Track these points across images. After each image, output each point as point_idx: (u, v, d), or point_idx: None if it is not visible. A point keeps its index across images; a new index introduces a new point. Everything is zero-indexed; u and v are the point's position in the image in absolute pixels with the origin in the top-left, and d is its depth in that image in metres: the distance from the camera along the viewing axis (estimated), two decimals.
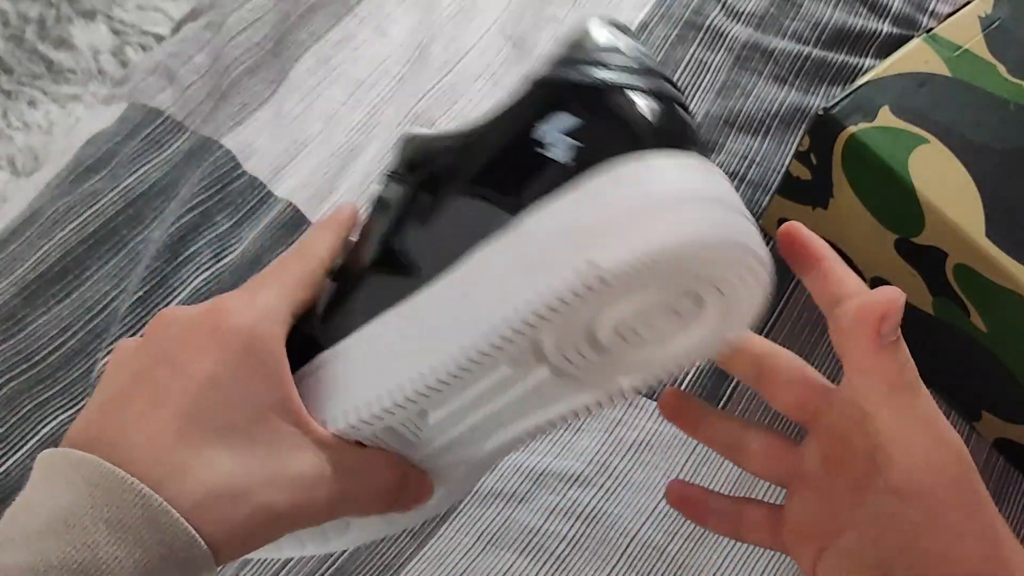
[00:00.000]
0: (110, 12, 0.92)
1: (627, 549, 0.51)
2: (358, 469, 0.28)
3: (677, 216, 0.25)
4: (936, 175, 0.50)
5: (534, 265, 0.26)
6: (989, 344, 0.52)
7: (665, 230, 0.25)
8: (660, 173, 0.26)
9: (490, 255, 0.27)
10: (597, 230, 0.26)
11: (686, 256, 0.25)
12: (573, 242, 0.26)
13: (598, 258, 0.25)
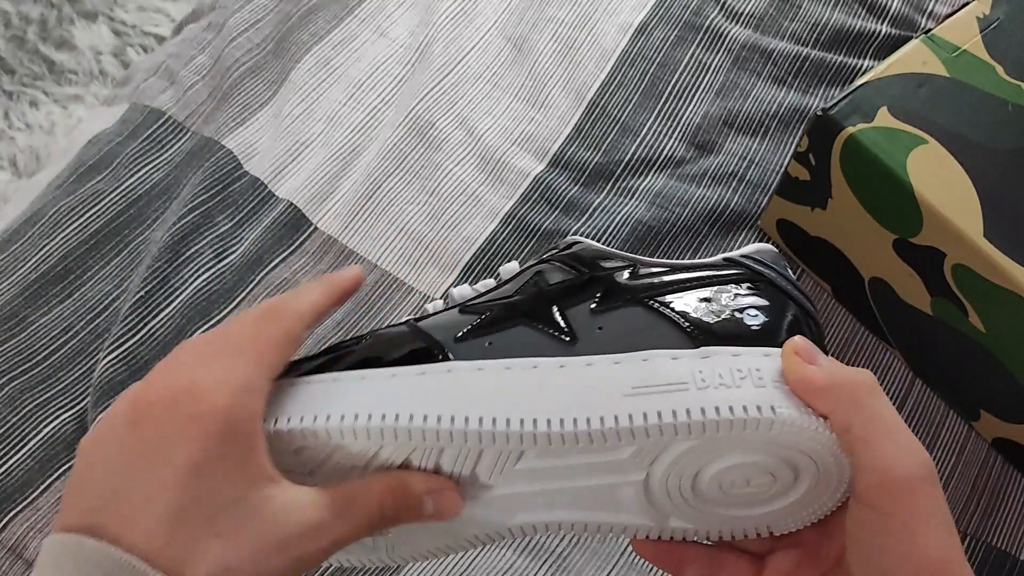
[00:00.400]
0: (111, 13, 0.92)
1: (627, 548, 0.51)
2: (342, 507, 0.29)
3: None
4: (934, 175, 0.51)
5: (712, 392, 0.30)
6: (987, 344, 0.52)
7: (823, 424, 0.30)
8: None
9: (665, 359, 0.31)
10: (780, 388, 0.30)
11: (821, 435, 0.30)
12: (764, 386, 0.30)
13: (778, 405, 0.30)
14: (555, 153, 0.64)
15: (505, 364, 0.32)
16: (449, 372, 0.32)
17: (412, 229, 0.60)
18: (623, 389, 0.30)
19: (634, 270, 0.35)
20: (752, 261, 0.36)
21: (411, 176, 0.62)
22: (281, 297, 0.33)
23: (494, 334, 0.33)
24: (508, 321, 0.34)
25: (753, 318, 0.33)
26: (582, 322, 0.33)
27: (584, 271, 0.35)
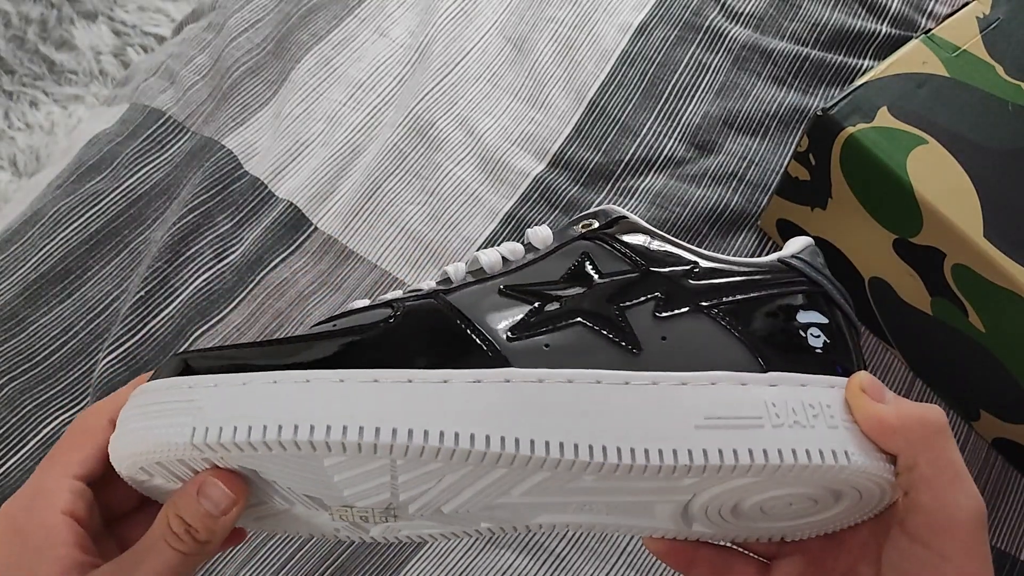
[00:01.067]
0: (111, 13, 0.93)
1: (627, 548, 0.51)
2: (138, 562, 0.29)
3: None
4: (934, 175, 0.50)
5: (786, 432, 0.29)
6: (987, 344, 0.52)
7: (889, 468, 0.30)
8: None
9: (735, 386, 0.30)
10: (851, 430, 0.30)
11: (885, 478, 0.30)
12: (836, 426, 0.30)
13: (852, 451, 0.29)
14: (555, 153, 0.64)
15: (568, 375, 0.29)
16: (508, 383, 0.29)
17: (412, 229, 0.60)
18: (695, 419, 0.29)
19: (694, 268, 0.33)
20: (805, 265, 0.34)
21: (411, 176, 0.62)
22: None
23: (550, 333, 0.31)
24: (564, 317, 0.31)
25: (816, 339, 0.32)
26: (645, 329, 0.31)
27: (640, 263, 0.33)
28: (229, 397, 0.28)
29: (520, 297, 0.32)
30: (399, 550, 0.50)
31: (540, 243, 0.34)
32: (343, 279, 0.58)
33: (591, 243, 0.33)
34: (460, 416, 0.28)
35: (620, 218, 0.34)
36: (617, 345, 0.31)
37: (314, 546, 0.50)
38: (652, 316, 0.31)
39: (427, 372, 0.29)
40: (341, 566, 0.49)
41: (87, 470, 0.30)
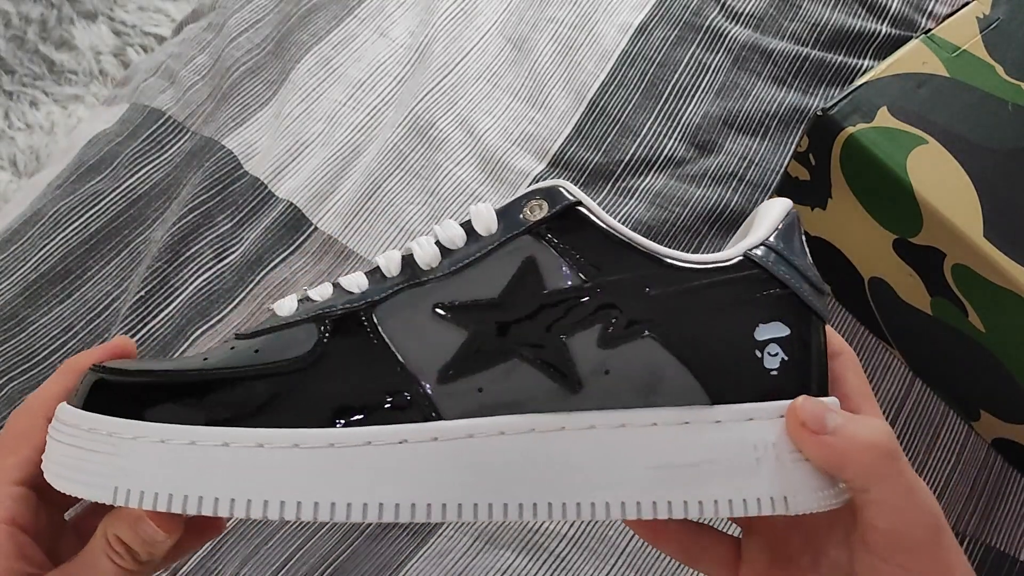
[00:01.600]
0: (111, 13, 0.92)
1: (627, 548, 0.51)
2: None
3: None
4: (934, 175, 0.50)
5: (731, 476, 0.29)
6: (987, 344, 0.52)
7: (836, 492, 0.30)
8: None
9: (674, 428, 0.29)
10: (796, 467, 0.29)
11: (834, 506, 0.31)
12: (782, 466, 0.29)
13: (791, 497, 0.29)
14: (555, 153, 0.64)
15: (500, 426, 0.28)
16: (435, 441, 0.28)
17: (412, 229, 0.60)
18: (635, 467, 0.29)
19: (647, 277, 0.30)
20: (773, 258, 0.31)
21: (411, 176, 0.62)
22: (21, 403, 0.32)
23: (484, 371, 0.29)
24: (500, 353, 0.29)
25: (773, 358, 0.30)
26: (588, 362, 0.29)
27: (590, 273, 0.30)
28: (148, 459, 0.27)
29: (455, 321, 0.29)
30: (398, 550, 0.50)
31: (483, 228, 0.31)
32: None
33: (537, 243, 0.30)
34: (387, 486, 0.27)
35: (571, 207, 0.30)
36: (556, 381, 0.29)
37: (314, 546, 0.50)
38: (596, 345, 0.29)
39: (348, 432, 0.28)
40: (341, 566, 0.49)
41: (26, 473, 0.30)
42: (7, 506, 0.29)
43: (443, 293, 0.30)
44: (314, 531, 0.50)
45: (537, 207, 0.30)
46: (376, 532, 0.50)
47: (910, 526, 0.29)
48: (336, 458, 0.28)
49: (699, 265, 0.30)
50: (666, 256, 0.30)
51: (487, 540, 0.50)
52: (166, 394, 0.29)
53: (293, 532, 0.50)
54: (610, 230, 0.30)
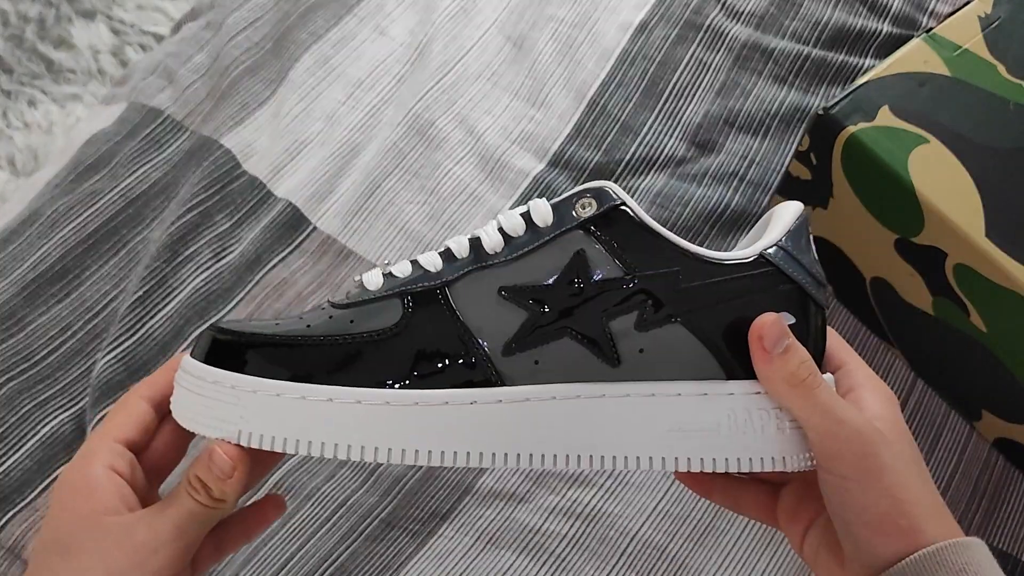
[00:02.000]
0: (110, 12, 0.92)
1: (627, 549, 0.51)
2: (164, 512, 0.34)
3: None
4: (936, 175, 0.50)
5: (738, 439, 0.35)
6: (989, 344, 0.52)
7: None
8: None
9: (696, 399, 0.35)
10: (793, 432, 0.35)
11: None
12: (783, 429, 0.35)
13: (789, 457, 0.35)
14: (555, 152, 0.64)
15: (552, 392, 0.34)
16: (500, 403, 0.34)
17: (411, 228, 0.60)
18: (659, 429, 0.35)
19: (680, 272, 0.35)
20: (784, 257, 0.36)
21: (410, 175, 0.62)
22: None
23: (540, 347, 0.34)
24: (554, 331, 0.34)
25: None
26: (626, 342, 0.35)
27: (631, 266, 0.35)
28: (267, 409, 0.33)
29: (517, 302, 0.35)
30: (398, 551, 0.50)
31: (540, 220, 0.35)
32: (342, 279, 0.58)
33: (586, 238, 0.35)
34: (461, 437, 0.34)
35: (616, 207, 0.35)
36: (599, 357, 0.35)
37: (314, 546, 0.50)
38: (634, 328, 0.35)
39: (430, 393, 0.34)
40: (341, 566, 0.49)
41: (126, 435, 0.35)
42: (108, 456, 0.35)
43: (506, 276, 0.35)
44: (313, 532, 0.50)
45: (588, 204, 0.35)
46: (376, 533, 0.50)
47: (836, 428, 0.34)
48: (420, 413, 0.34)
49: (723, 261, 0.35)
50: (695, 252, 0.35)
51: (488, 541, 0.50)
52: (279, 354, 0.34)
53: (293, 533, 0.50)
54: (649, 228, 0.35)
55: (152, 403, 0.37)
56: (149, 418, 0.36)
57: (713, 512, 0.52)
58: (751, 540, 0.51)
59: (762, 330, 0.34)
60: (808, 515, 0.38)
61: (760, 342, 0.34)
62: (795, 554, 0.50)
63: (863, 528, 0.34)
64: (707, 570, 0.50)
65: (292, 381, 0.33)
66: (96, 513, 0.33)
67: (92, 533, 0.33)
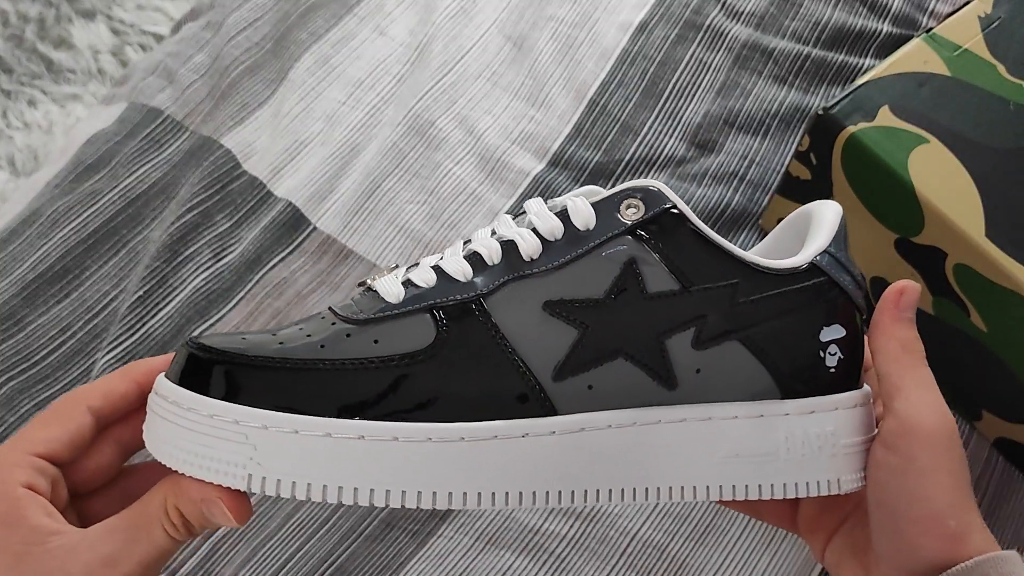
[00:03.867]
0: (110, 12, 0.92)
1: (627, 549, 0.51)
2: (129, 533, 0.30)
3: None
4: (936, 175, 0.50)
5: (795, 464, 0.34)
6: (989, 344, 0.52)
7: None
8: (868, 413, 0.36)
9: (751, 421, 0.33)
10: (847, 453, 0.34)
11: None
12: (835, 455, 0.34)
13: (843, 479, 0.34)
14: (555, 152, 0.64)
15: (607, 420, 0.32)
16: (553, 435, 0.31)
17: (411, 228, 0.60)
18: (716, 456, 0.33)
19: (737, 285, 0.33)
20: (832, 264, 0.35)
21: (410, 175, 0.62)
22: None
23: (594, 369, 0.31)
24: (607, 352, 0.31)
25: (832, 357, 0.35)
26: (682, 362, 0.32)
27: (686, 278, 0.32)
28: (284, 448, 0.28)
29: (564, 318, 0.31)
30: (398, 551, 0.50)
31: (581, 223, 0.32)
32: (342, 279, 0.58)
33: (637, 245, 0.32)
34: (513, 475, 0.30)
35: (668, 211, 0.32)
36: (655, 380, 0.32)
37: (313, 547, 0.50)
38: (690, 347, 0.32)
39: (477, 427, 0.30)
40: (341, 566, 0.49)
41: (50, 449, 0.31)
42: (27, 473, 0.30)
43: (549, 289, 0.31)
44: (313, 532, 0.50)
45: (634, 206, 0.32)
46: (376, 533, 0.50)
47: (919, 409, 0.33)
48: (467, 451, 0.30)
49: (778, 271, 0.34)
50: (751, 262, 0.33)
51: (488, 540, 0.50)
52: (286, 381, 0.29)
53: (293, 533, 0.50)
54: (703, 234, 0.33)
55: (97, 415, 0.32)
56: (86, 432, 0.32)
57: (713, 511, 0.52)
58: (752, 539, 0.51)
59: (904, 289, 0.34)
60: (831, 524, 0.37)
61: (898, 297, 0.34)
62: (795, 554, 0.50)
63: (911, 524, 0.32)
64: (707, 569, 0.50)
65: (309, 415, 0.29)
66: (29, 546, 0.29)
67: (34, 568, 0.29)
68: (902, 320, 0.34)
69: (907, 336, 0.34)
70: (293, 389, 0.29)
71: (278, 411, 0.28)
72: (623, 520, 0.51)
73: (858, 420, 0.35)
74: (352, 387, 0.29)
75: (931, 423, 0.33)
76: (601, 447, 0.31)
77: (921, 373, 0.34)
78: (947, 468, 0.32)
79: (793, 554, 0.51)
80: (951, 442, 0.33)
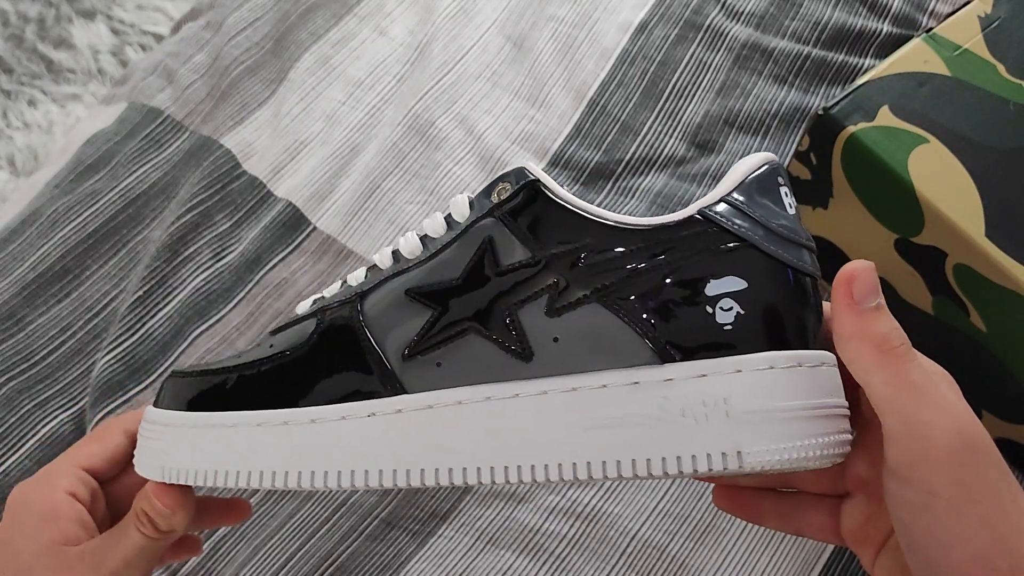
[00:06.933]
0: (110, 12, 0.92)
1: (627, 549, 0.51)
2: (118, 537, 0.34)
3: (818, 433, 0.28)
4: (936, 175, 0.50)
5: (675, 431, 0.28)
6: (989, 344, 0.52)
7: (806, 446, 0.28)
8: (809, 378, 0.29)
9: (623, 389, 0.29)
10: (750, 420, 0.28)
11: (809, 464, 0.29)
12: (731, 418, 0.28)
13: (746, 450, 0.27)
14: (555, 152, 0.64)
15: (457, 397, 0.30)
16: (399, 413, 0.31)
17: (411, 228, 0.60)
18: (578, 428, 0.29)
19: (593, 242, 0.30)
20: (734, 210, 0.30)
21: (410, 175, 0.62)
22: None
23: (443, 347, 0.31)
24: (459, 328, 0.31)
25: (726, 312, 0.29)
26: (537, 331, 0.30)
27: (539, 246, 0.30)
28: (183, 443, 0.33)
29: (421, 302, 0.32)
30: (398, 551, 0.50)
31: (459, 215, 0.32)
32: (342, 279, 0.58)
33: (495, 224, 0.31)
34: (358, 455, 0.31)
35: (531, 185, 0.31)
36: (509, 352, 0.30)
37: (314, 546, 0.50)
38: (544, 315, 0.30)
39: (328, 409, 0.32)
40: (341, 566, 0.49)
41: (92, 464, 0.36)
42: (71, 482, 0.35)
43: (416, 279, 0.32)
44: (314, 531, 0.50)
45: (504, 189, 0.32)
46: (376, 532, 0.50)
47: (924, 427, 0.25)
48: (318, 432, 0.32)
49: (646, 227, 0.30)
50: (612, 221, 0.30)
51: (488, 540, 0.50)
52: (206, 384, 0.34)
53: (293, 533, 0.50)
54: (561, 202, 0.31)
55: (131, 437, 0.37)
56: (123, 451, 0.37)
57: (713, 511, 0.52)
58: (751, 539, 0.51)
59: (853, 273, 0.27)
60: (880, 533, 0.31)
61: (849, 287, 0.27)
62: (795, 554, 0.50)
63: (951, 569, 0.25)
64: (707, 570, 0.50)
65: (209, 411, 0.33)
66: (55, 543, 0.34)
67: (51, 562, 0.33)
68: (866, 313, 0.27)
69: (879, 331, 0.27)
70: (209, 392, 0.33)
71: (191, 412, 0.33)
72: (623, 520, 0.51)
73: (777, 383, 0.28)
74: (249, 383, 0.33)
75: (943, 441, 0.25)
76: (452, 424, 0.30)
77: (911, 376, 0.26)
78: (980, 493, 0.25)
79: (793, 554, 0.51)
80: (977, 456, 0.25)
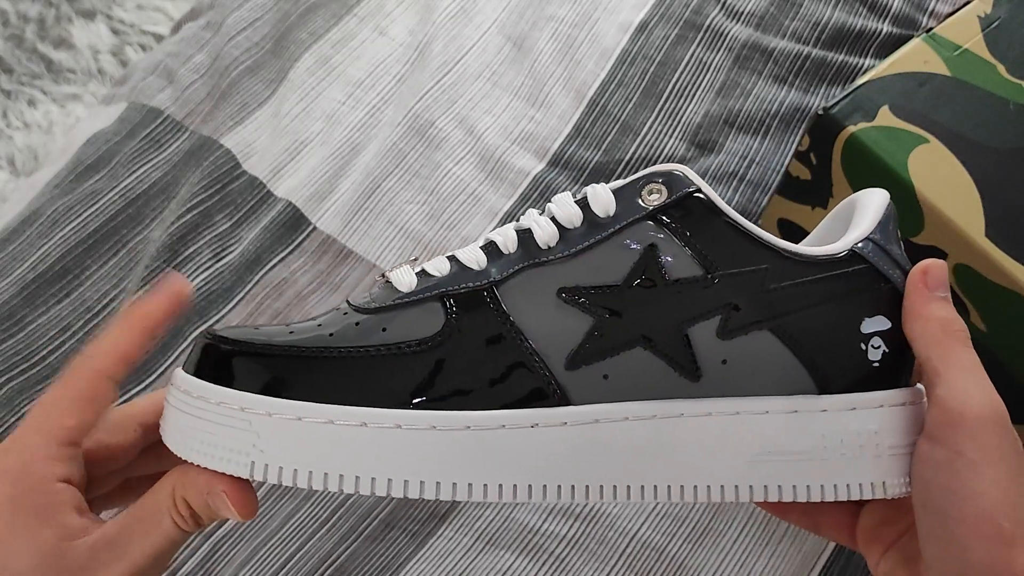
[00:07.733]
0: (110, 12, 0.92)
1: (626, 549, 0.51)
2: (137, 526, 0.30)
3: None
4: (936, 175, 0.50)
5: (836, 463, 0.31)
6: (989, 344, 0.51)
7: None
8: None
9: (784, 416, 0.31)
10: (895, 454, 0.31)
11: None
12: (879, 455, 0.31)
13: (889, 482, 0.31)
14: (555, 152, 0.64)
15: (624, 413, 0.30)
16: (564, 426, 0.29)
17: (411, 228, 0.60)
18: (745, 454, 0.30)
19: (767, 270, 0.31)
20: (876, 252, 0.32)
21: (410, 175, 0.62)
22: (81, 352, 0.32)
23: (609, 358, 0.30)
24: (624, 340, 0.30)
25: (876, 350, 0.32)
26: (707, 352, 0.30)
27: (711, 264, 0.30)
28: (286, 435, 0.28)
29: (580, 305, 0.30)
30: (397, 551, 0.50)
31: (600, 209, 0.31)
32: (342, 279, 0.58)
33: (658, 230, 0.30)
34: (521, 467, 0.29)
35: (691, 195, 0.30)
36: (677, 370, 0.30)
37: (313, 547, 0.50)
38: (716, 336, 0.30)
39: (484, 415, 0.29)
40: (341, 566, 0.49)
41: (71, 438, 0.30)
42: (68, 467, 0.30)
43: (566, 276, 0.30)
44: (313, 532, 0.50)
45: (656, 191, 0.31)
46: (376, 533, 0.50)
47: (964, 397, 0.29)
48: (473, 440, 0.29)
49: (812, 258, 0.31)
50: (782, 248, 0.31)
51: (487, 541, 0.50)
52: (294, 369, 0.29)
53: (293, 533, 0.50)
54: (730, 219, 0.31)
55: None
56: (106, 403, 0.31)
57: (712, 512, 0.52)
58: (750, 540, 0.51)
59: (928, 267, 0.31)
60: (890, 536, 0.34)
61: (924, 278, 0.31)
62: (792, 554, 0.50)
63: (959, 524, 0.29)
64: (706, 570, 0.50)
65: (314, 402, 0.28)
66: (62, 540, 0.29)
67: (58, 564, 0.29)
68: (935, 300, 0.31)
69: (945, 316, 0.31)
70: (300, 376, 0.29)
71: (285, 399, 0.28)
72: (622, 521, 0.51)
73: (906, 420, 0.32)
74: (357, 374, 0.29)
75: (978, 409, 0.29)
76: (617, 440, 0.30)
77: (964, 355, 0.30)
78: (998, 459, 0.29)
79: (790, 555, 0.51)
80: (1002, 430, 0.29)
